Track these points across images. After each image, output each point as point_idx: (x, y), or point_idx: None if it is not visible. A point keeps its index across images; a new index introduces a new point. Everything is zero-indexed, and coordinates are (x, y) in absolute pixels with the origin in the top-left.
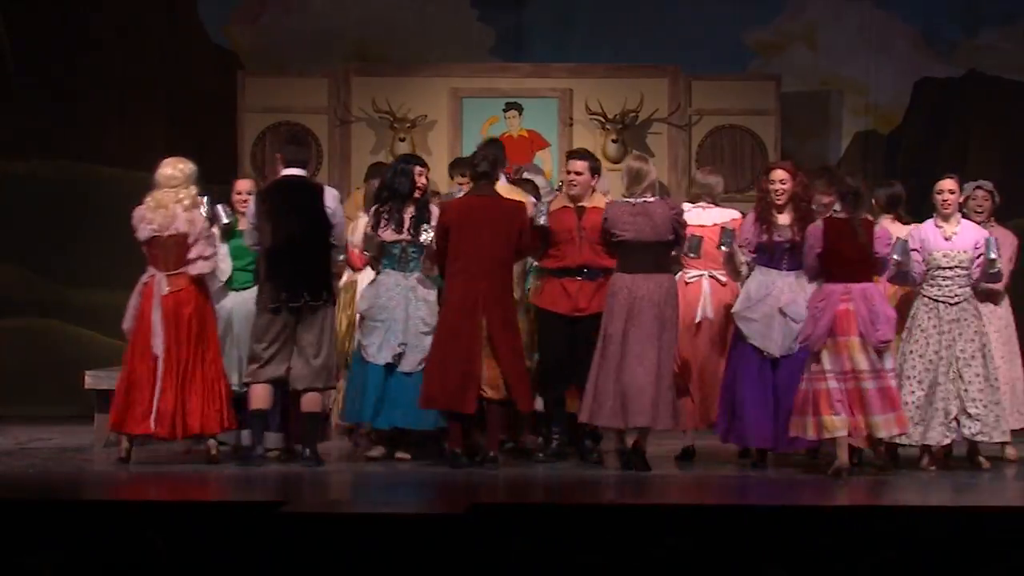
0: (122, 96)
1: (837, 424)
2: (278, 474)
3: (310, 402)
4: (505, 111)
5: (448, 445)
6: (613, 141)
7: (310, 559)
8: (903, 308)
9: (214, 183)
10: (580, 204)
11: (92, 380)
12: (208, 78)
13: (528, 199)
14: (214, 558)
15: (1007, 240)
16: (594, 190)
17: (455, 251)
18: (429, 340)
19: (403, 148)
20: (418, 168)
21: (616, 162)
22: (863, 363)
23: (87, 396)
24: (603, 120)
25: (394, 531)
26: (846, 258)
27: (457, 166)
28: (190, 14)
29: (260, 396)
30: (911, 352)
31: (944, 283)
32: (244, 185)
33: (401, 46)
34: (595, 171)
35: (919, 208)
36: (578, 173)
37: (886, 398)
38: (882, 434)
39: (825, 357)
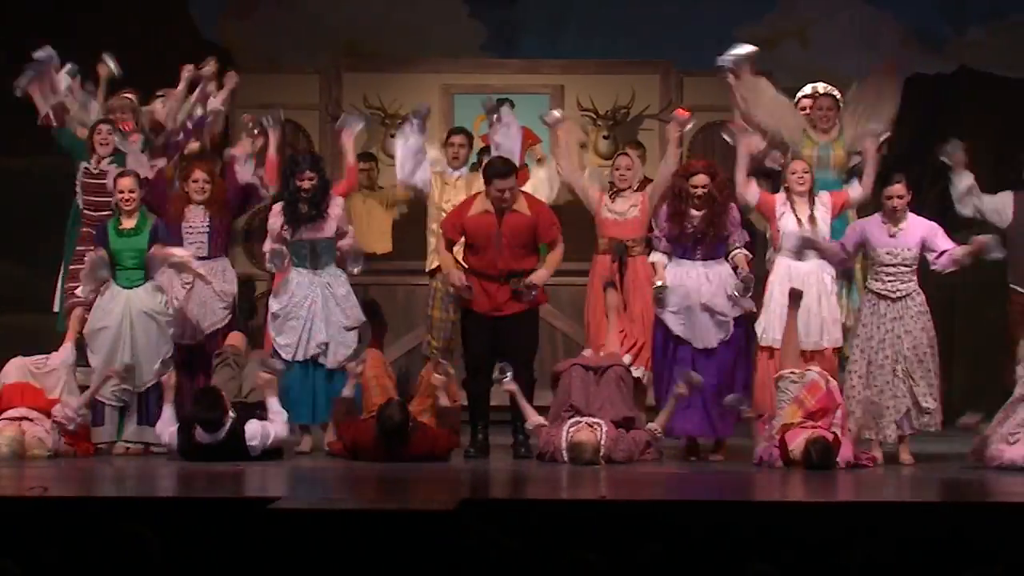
0: (113, 92)
1: None
2: (268, 470)
3: None
4: None
5: None
6: (604, 137)
7: (300, 555)
8: None
9: None
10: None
11: (83, 377)
12: None
13: None
14: (206, 554)
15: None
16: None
17: None
18: (353, 335)
19: (394, 144)
20: (299, 173)
21: (607, 158)
22: None
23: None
24: (594, 116)
25: (384, 527)
26: None
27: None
28: (181, 10)
29: None
30: (855, 347)
31: (887, 279)
32: (125, 183)
33: (392, 42)
34: (516, 176)
35: (911, 205)
36: (511, 190)
37: None
38: None
39: None
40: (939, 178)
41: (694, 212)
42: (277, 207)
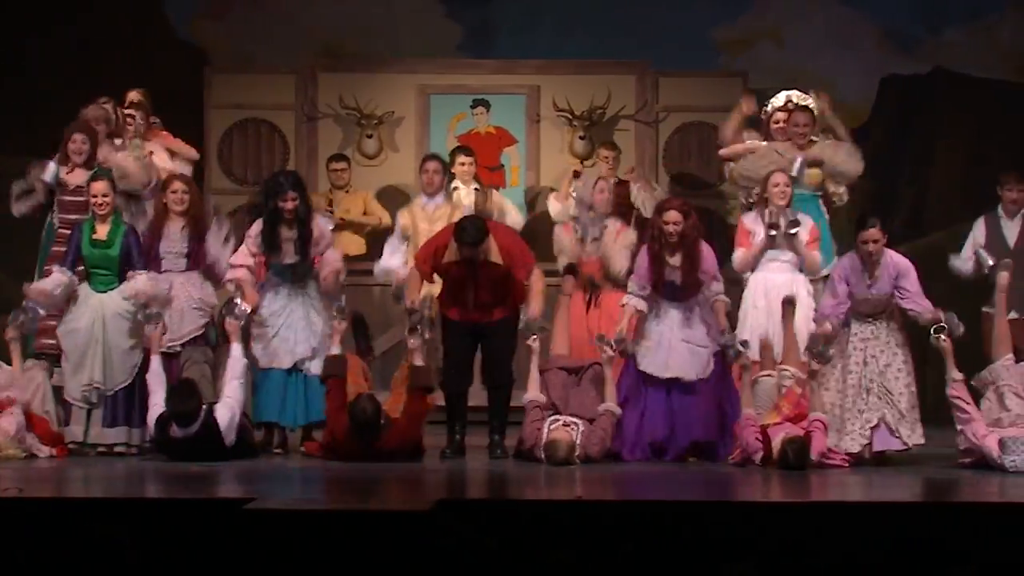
0: (89, 92)
1: None
2: (243, 471)
3: None
4: (472, 107)
5: None
6: (580, 138)
7: (276, 556)
8: None
9: None
10: None
11: (57, 377)
12: (175, 74)
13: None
14: (181, 554)
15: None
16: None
17: None
18: (335, 344)
19: (370, 145)
20: (282, 195)
21: (583, 159)
22: None
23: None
24: (570, 117)
25: (360, 528)
26: None
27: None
28: (157, 10)
29: None
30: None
31: (864, 316)
32: (99, 187)
33: (368, 42)
34: (487, 241)
35: (887, 206)
36: (483, 250)
37: None
38: None
39: None
40: (915, 179)
41: (672, 262)
42: (256, 227)
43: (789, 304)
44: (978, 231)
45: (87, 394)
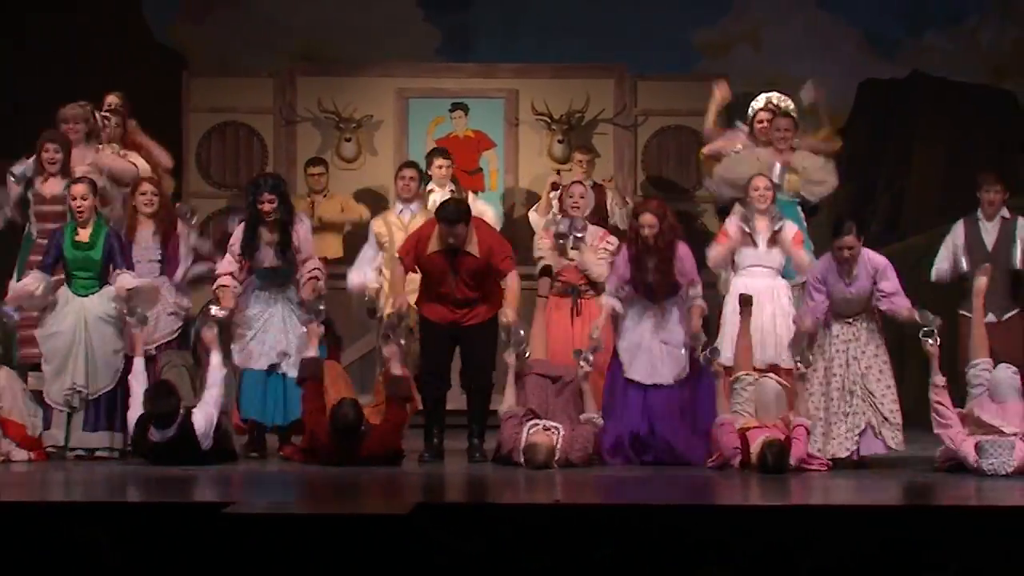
0: (66, 97)
1: None
2: (222, 475)
3: None
4: (451, 111)
5: None
6: (559, 142)
7: (255, 560)
8: None
9: None
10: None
11: (35, 381)
12: (153, 78)
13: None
14: (160, 558)
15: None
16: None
17: None
18: (311, 347)
19: (349, 148)
20: (259, 196)
21: (562, 163)
22: None
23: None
24: (549, 121)
25: (339, 531)
26: None
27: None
28: (135, 14)
29: None
30: (811, 368)
31: (843, 314)
32: (79, 190)
33: (347, 46)
34: (468, 222)
35: (865, 210)
36: (461, 233)
37: None
38: None
39: None
40: (893, 183)
41: (650, 264)
42: (239, 229)
43: (745, 303)
44: (957, 234)
45: (69, 398)
